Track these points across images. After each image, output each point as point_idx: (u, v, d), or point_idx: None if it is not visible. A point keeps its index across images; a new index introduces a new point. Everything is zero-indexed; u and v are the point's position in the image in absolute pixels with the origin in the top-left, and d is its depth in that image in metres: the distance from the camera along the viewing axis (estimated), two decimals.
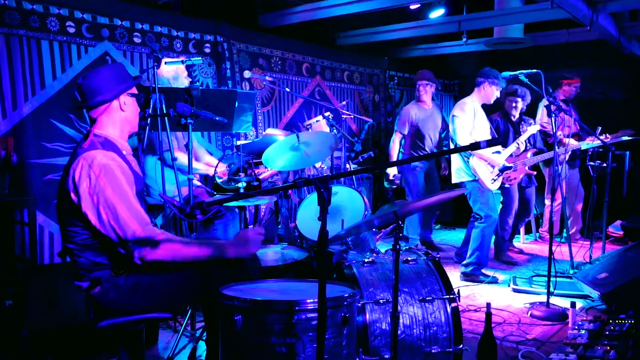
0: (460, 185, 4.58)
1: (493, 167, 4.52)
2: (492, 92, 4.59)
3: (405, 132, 5.55)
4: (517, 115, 5.20)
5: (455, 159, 4.64)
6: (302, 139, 3.30)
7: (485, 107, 5.20)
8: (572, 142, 5.28)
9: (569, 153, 5.32)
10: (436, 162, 6.00)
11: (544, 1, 5.03)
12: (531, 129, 4.87)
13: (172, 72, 3.64)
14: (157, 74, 3.60)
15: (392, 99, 7.53)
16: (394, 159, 5.59)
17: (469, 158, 4.47)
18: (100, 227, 2.06)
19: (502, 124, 5.16)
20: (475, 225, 4.56)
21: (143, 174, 2.70)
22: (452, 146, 4.69)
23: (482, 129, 4.57)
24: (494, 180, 4.53)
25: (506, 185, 5.10)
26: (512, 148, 4.72)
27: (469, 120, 4.48)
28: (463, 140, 4.44)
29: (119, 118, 2.26)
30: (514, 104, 5.08)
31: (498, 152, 4.60)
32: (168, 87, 3.30)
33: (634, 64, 6.74)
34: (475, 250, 4.50)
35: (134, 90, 2.31)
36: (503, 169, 4.58)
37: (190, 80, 3.84)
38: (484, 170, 4.47)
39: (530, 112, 5.53)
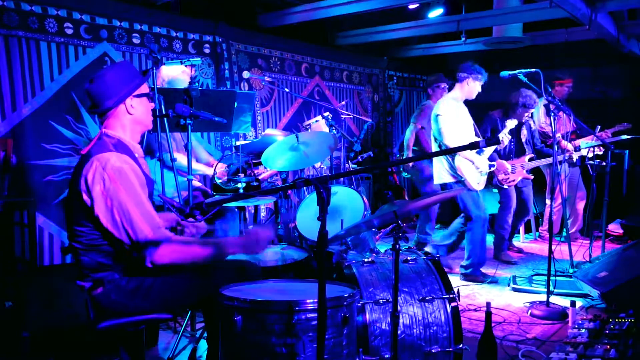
0: (444, 187, 4.47)
1: (478, 167, 4.44)
2: (475, 88, 4.43)
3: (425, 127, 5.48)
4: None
5: (438, 159, 4.50)
6: (302, 140, 3.30)
7: (485, 106, 5.20)
8: (569, 146, 5.28)
9: (574, 156, 5.33)
10: None
11: (543, 0, 5.03)
12: (509, 124, 4.71)
13: (187, 75, 3.64)
14: (174, 77, 3.61)
15: (391, 99, 7.53)
16: (411, 151, 5.55)
17: (453, 158, 4.35)
18: (113, 229, 2.06)
19: (500, 123, 5.16)
20: (467, 227, 4.50)
21: None
22: (435, 146, 4.52)
23: (465, 127, 4.45)
24: (479, 182, 4.44)
25: (505, 187, 5.11)
26: (492, 148, 4.57)
27: (453, 118, 4.36)
28: (449, 139, 4.31)
29: (128, 120, 2.25)
30: (526, 113, 5.08)
31: (480, 151, 4.43)
32: (167, 88, 3.30)
33: (633, 62, 6.74)
34: (471, 252, 4.48)
35: (143, 90, 2.27)
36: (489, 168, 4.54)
37: (190, 80, 3.85)
38: (470, 170, 4.36)
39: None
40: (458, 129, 4.35)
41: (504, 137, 4.62)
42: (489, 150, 4.55)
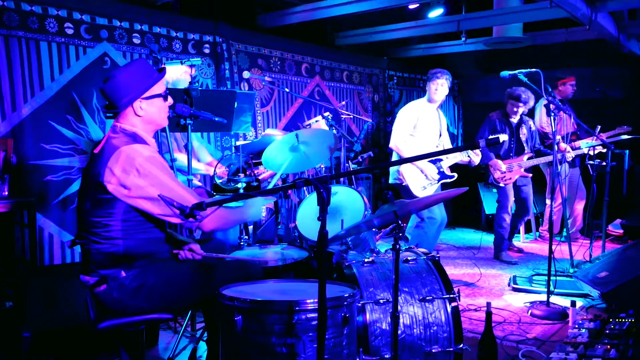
0: (394, 186, 4.50)
1: (427, 176, 4.41)
2: (430, 91, 4.51)
3: None
4: (518, 119, 5.21)
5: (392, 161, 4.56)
6: (302, 139, 3.30)
7: (485, 105, 5.20)
8: (568, 148, 5.26)
9: (568, 157, 5.33)
10: None
11: (543, 0, 5.03)
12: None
13: (189, 75, 3.65)
14: (176, 78, 3.62)
15: (391, 99, 7.53)
16: None
17: None
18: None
19: (499, 124, 5.17)
20: (418, 225, 4.48)
21: None
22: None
23: (426, 132, 4.48)
24: (425, 188, 4.39)
25: (501, 185, 5.13)
26: (457, 158, 4.50)
27: (409, 120, 4.43)
28: (394, 139, 4.43)
29: (138, 121, 2.28)
30: (515, 109, 5.08)
31: (439, 159, 4.44)
32: (167, 88, 3.30)
33: (633, 62, 6.74)
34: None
35: (154, 91, 2.27)
36: (442, 178, 4.44)
37: (189, 80, 3.85)
38: (414, 176, 4.37)
39: (529, 112, 5.54)
40: (411, 131, 4.43)
41: (473, 155, 4.48)
42: (449, 161, 4.49)
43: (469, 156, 4.45)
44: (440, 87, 4.48)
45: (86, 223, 2.18)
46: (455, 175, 4.50)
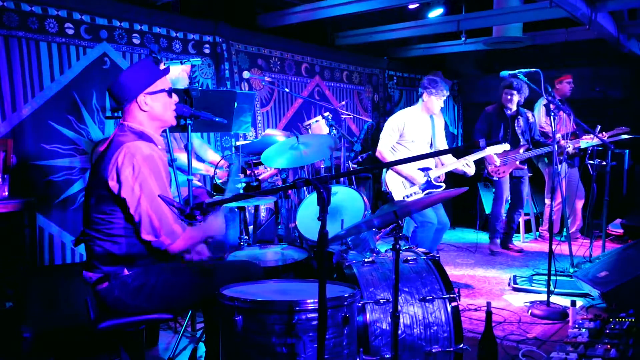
0: (387, 193, 4.47)
1: (412, 184, 4.33)
2: (432, 103, 4.32)
3: None
4: (514, 108, 5.24)
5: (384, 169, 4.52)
6: (302, 142, 3.30)
7: (485, 105, 5.18)
8: (569, 143, 5.28)
9: (568, 149, 5.34)
10: None
11: (543, 0, 5.03)
12: (483, 152, 4.62)
13: (187, 73, 3.66)
14: (175, 76, 3.62)
15: (391, 99, 7.53)
16: None
17: (386, 171, 4.36)
18: (135, 213, 2.12)
19: (496, 117, 5.20)
20: (414, 228, 4.44)
21: None
22: None
23: (414, 141, 4.38)
24: (409, 197, 4.32)
25: (495, 178, 5.17)
26: (452, 166, 4.40)
27: (396, 127, 4.36)
28: (380, 146, 4.39)
29: (144, 117, 2.29)
30: (509, 97, 5.13)
31: (428, 168, 4.36)
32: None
33: (633, 62, 6.74)
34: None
35: (158, 87, 2.29)
36: (427, 188, 4.34)
37: (189, 81, 3.84)
38: (397, 185, 4.34)
39: (528, 110, 5.55)
40: (396, 139, 4.38)
41: (466, 166, 4.42)
42: (442, 169, 4.42)
43: (463, 166, 4.39)
44: (443, 100, 4.36)
45: (90, 219, 2.20)
46: (444, 185, 4.39)
